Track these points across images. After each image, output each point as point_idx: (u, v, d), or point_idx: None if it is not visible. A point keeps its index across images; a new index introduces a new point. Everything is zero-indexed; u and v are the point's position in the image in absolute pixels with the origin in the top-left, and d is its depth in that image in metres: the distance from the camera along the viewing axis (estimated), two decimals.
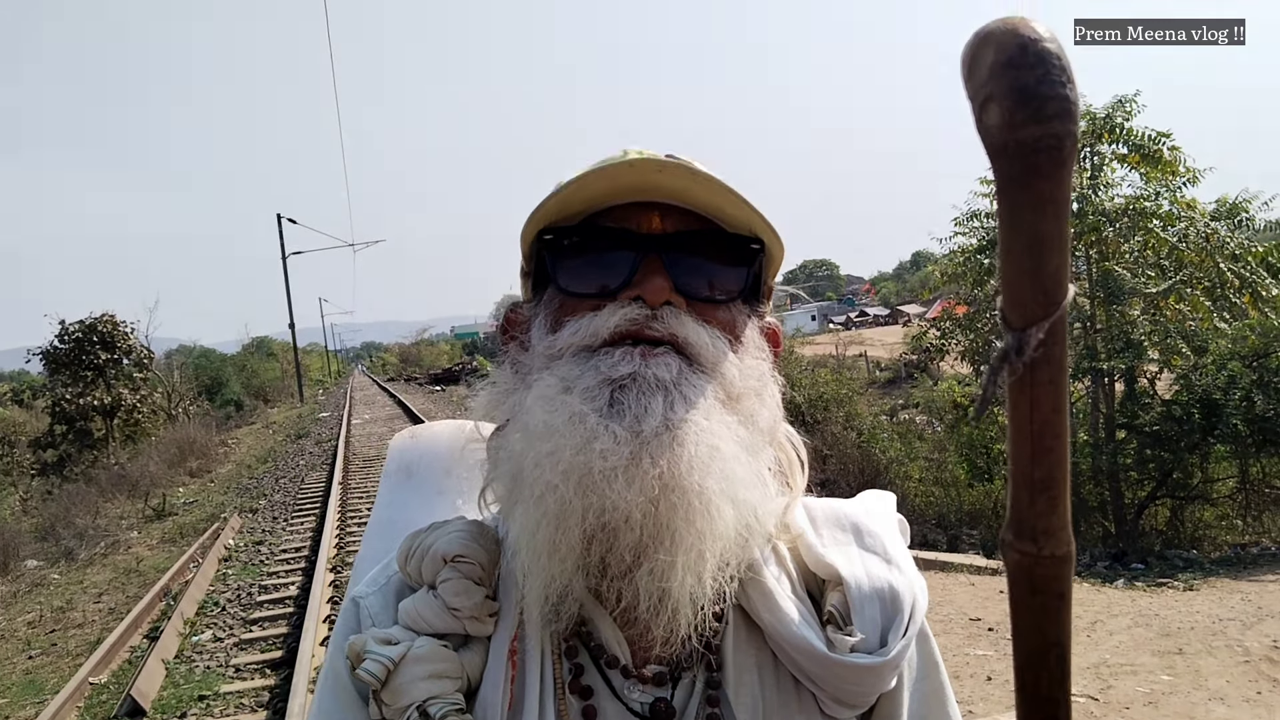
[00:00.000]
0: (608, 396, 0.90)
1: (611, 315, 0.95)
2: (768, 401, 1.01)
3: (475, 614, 0.97)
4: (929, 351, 17.65)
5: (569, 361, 0.95)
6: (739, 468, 0.91)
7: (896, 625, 0.97)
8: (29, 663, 8.25)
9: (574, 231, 1.01)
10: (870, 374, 39.67)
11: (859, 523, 1.08)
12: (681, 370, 0.93)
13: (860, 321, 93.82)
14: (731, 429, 0.93)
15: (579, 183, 0.97)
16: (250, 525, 13.49)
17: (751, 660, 1.00)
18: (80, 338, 27.48)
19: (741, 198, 0.97)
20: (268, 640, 8.02)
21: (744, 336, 1.02)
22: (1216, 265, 13.18)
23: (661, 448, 0.87)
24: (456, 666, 0.95)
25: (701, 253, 1.00)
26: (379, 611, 1.03)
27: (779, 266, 1.10)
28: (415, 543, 1.02)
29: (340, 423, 26.08)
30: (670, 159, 0.99)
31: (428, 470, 1.54)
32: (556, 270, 1.02)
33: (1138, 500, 13.90)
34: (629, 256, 0.98)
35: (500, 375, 1.06)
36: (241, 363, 49.25)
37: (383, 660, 0.92)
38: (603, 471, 0.86)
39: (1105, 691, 5.99)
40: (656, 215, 0.99)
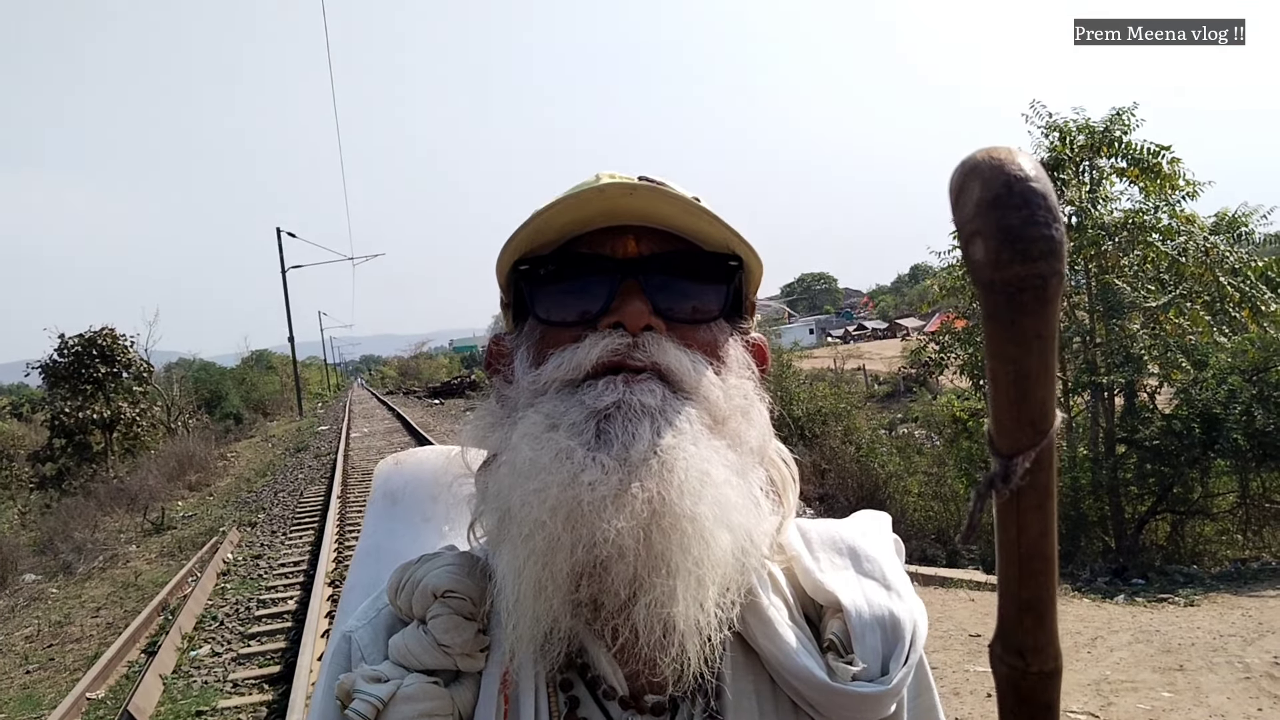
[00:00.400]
0: (594, 429, 0.89)
1: (593, 347, 0.94)
2: (755, 420, 0.99)
3: (466, 650, 0.96)
4: (927, 365, 17.62)
5: (554, 397, 0.94)
6: (731, 492, 0.90)
7: (898, 653, 0.96)
8: (26, 677, 8.23)
9: (549, 260, 1.01)
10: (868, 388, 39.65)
11: (856, 546, 1.06)
12: (665, 397, 0.92)
13: (858, 335, 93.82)
14: (720, 453, 0.92)
15: (550, 212, 0.96)
16: (249, 539, 13.47)
17: (750, 687, 0.98)
18: (80, 351, 27.45)
19: (714, 216, 0.97)
20: (266, 655, 7.99)
21: (727, 356, 1.01)
22: (1216, 279, 13.18)
23: (650, 473, 0.86)
24: (447, 704, 0.93)
25: (679, 273, 0.99)
26: (369, 645, 1.01)
27: (759, 282, 1.10)
28: (405, 576, 1.01)
29: (339, 436, 26.07)
30: (643, 181, 0.98)
31: (413, 498, 1.53)
32: (534, 300, 1.02)
33: (1138, 515, 13.86)
34: (606, 282, 0.98)
35: (487, 407, 1.05)
36: (241, 376, 49.18)
37: (371, 700, 0.91)
38: (591, 503, 0.84)
39: (1105, 709, 5.97)
40: (632, 239, 0.99)
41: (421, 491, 1.52)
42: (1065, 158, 14.02)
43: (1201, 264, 13.31)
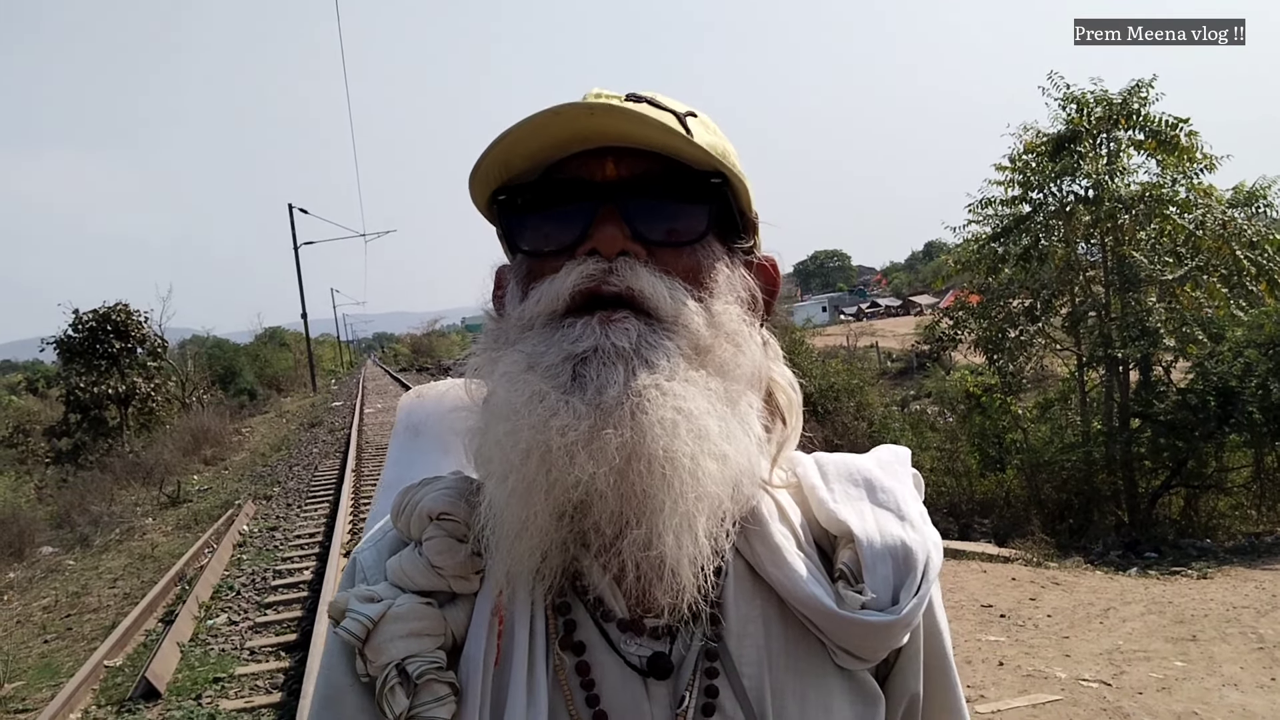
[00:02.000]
0: (570, 372, 0.87)
1: (569, 274, 0.92)
2: (745, 346, 0.96)
3: (459, 572, 0.96)
4: (941, 341, 17.57)
5: (537, 334, 0.93)
6: (711, 422, 0.88)
7: (909, 583, 0.95)
8: (45, 646, 8.31)
9: (527, 189, 0.98)
10: (881, 365, 39.62)
11: (872, 478, 1.05)
12: (641, 333, 0.89)
13: (871, 312, 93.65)
14: (699, 385, 0.90)
15: (508, 140, 0.93)
16: (264, 512, 13.55)
17: (757, 611, 0.97)
18: (94, 327, 27.62)
19: (684, 136, 0.93)
20: (282, 624, 8.06)
21: (713, 280, 0.97)
22: (1233, 252, 13.08)
23: (623, 417, 0.84)
24: (438, 624, 0.93)
25: (659, 195, 0.96)
26: (371, 566, 1.02)
27: (749, 197, 1.03)
28: (406, 499, 1.01)
29: (353, 412, 26.16)
30: (629, 100, 0.96)
31: (433, 430, 1.53)
32: (515, 232, 1.00)
33: (1151, 489, 13.84)
34: (585, 208, 0.94)
35: (485, 342, 1.03)
36: (254, 353, 49.39)
37: (361, 619, 0.92)
38: (562, 447, 0.84)
39: (1118, 677, 5.98)
40: (610, 161, 0.95)
41: (442, 424, 1.51)
42: (1083, 130, 13.90)
43: (1219, 237, 13.21)
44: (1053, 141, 14.12)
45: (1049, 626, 7.18)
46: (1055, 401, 15.95)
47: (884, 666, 1.02)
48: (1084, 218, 13.92)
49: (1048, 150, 14.15)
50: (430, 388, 1.65)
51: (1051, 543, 11.60)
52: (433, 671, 0.90)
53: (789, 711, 0.95)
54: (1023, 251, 14.57)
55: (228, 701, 6.44)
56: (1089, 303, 14.44)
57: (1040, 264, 14.70)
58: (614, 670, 0.94)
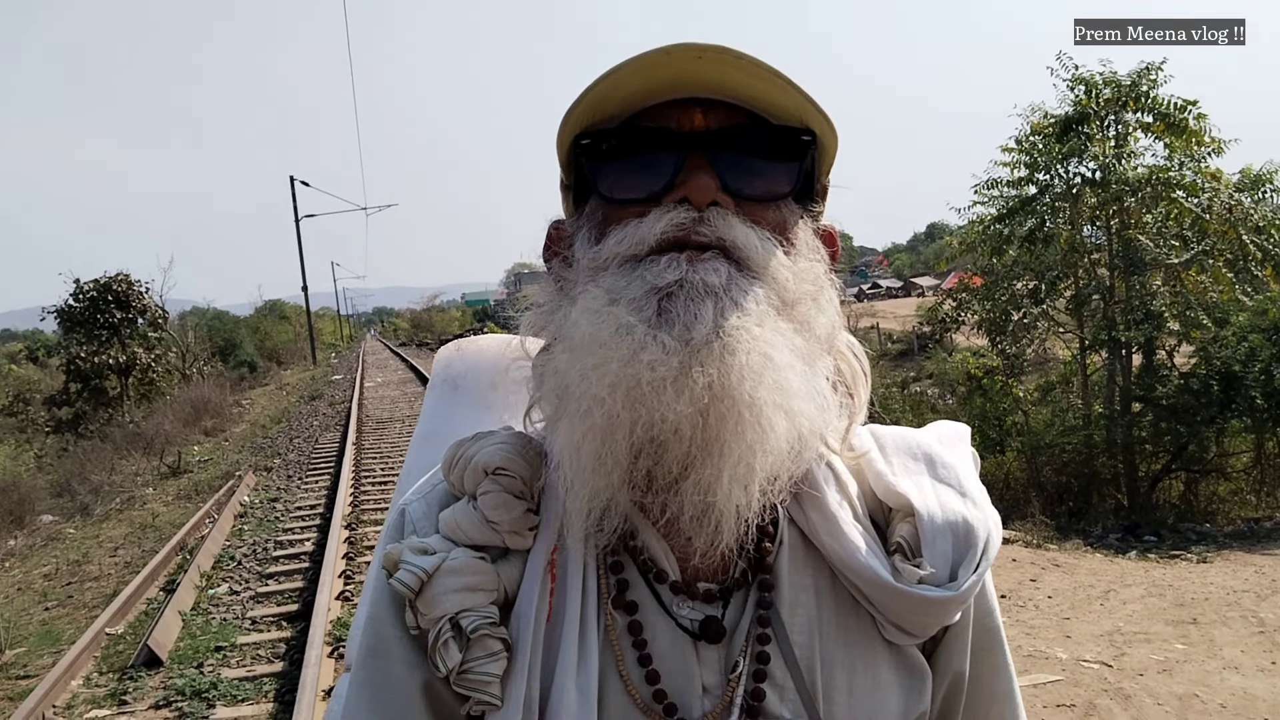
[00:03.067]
0: (655, 306, 0.86)
1: (657, 221, 0.91)
2: (825, 307, 0.96)
3: (514, 528, 0.95)
4: (943, 323, 17.55)
5: (614, 273, 0.91)
6: (793, 377, 0.87)
7: (969, 560, 0.94)
8: (46, 614, 8.33)
9: (612, 135, 0.96)
10: (882, 346, 39.59)
11: (932, 452, 1.03)
12: (731, 275, 0.88)
13: (873, 293, 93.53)
14: (786, 336, 0.89)
15: (612, 79, 0.91)
16: (265, 483, 13.57)
17: (809, 581, 0.96)
18: (95, 297, 27.58)
19: (789, 81, 0.91)
20: (284, 594, 8.07)
21: (797, 238, 0.97)
22: (1239, 237, 13.05)
23: (711, 356, 0.83)
24: (492, 579, 0.93)
25: (749, 149, 0.95)
26: (421, 519, 1.01)
27: (833, 160, 1.04)
28: (459, 453, 1.00)
29: (353, 385, 26.17)
30: (715, 46, 0.93)
31: (473, 384, 1.52)
32: (596, 177, 0.97)
33: (1152, 473, 13.86)
34: (672, 157, 0.93)
35: (544, 293, 1.02)
36: (255, 325, 49.36)
37: (416, 571, 0.91)
38: (651, 382, 0.82)
39: (1119, 659, 5.99)
40: (699, 111, 0.94)
41: (482, 379, 1.51)
42: (1090, 111, 13.83)
43: (1225, 221, 13.17)
44: (1060, 123, 14.06)
45: (1049, 608, 7.20)
46: (1057, 384, 15.93)
47: (930, 644, 1.01)
48: (1090, 200, 13.87)
49: (1055, 132, 14.09)
50: (470, 342, 1.64)
51: (1051, 525, 11.61)
52: (486, 626, 0.90)
53: (838, 682, 0.94)
54: (1028, 233, 14.51)
55: (229, 670, 6.45)
56: (1093, 286, 14.41)
57: (1045, 246, 14.65)
58: (665, 632, 0.94)
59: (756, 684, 0.92)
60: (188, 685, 6.13)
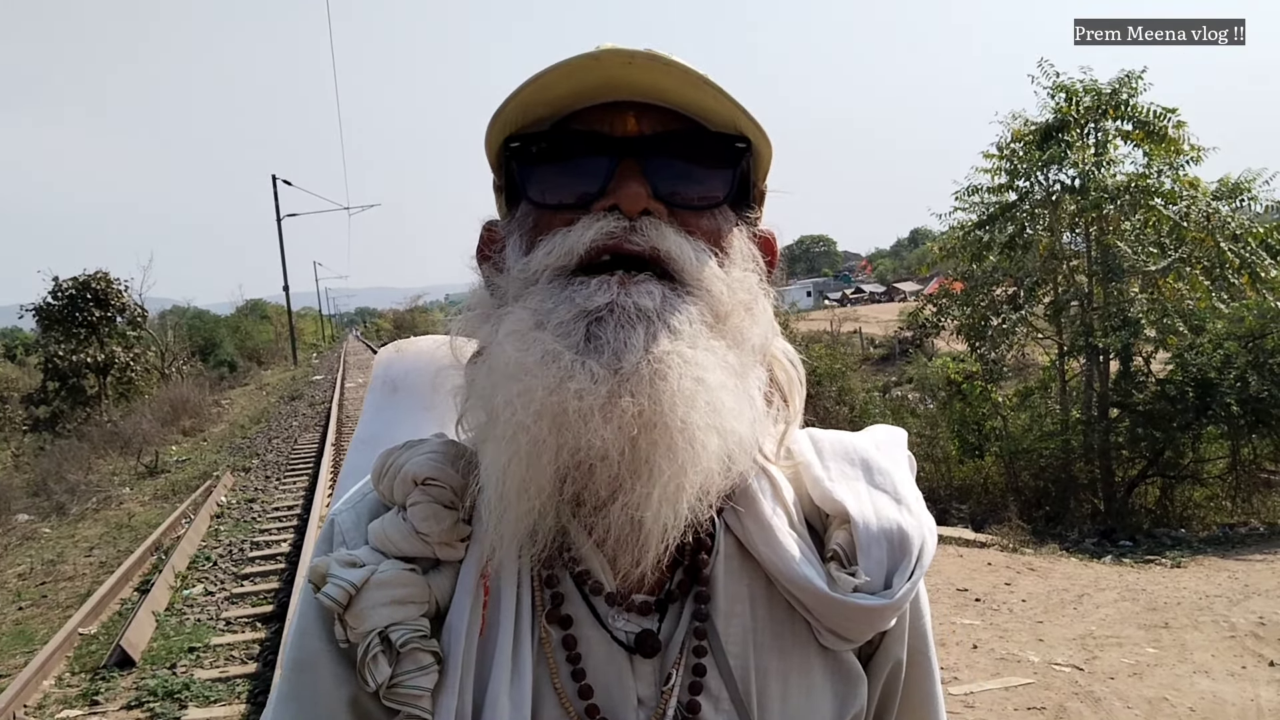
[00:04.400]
0: (584, 331, 0.84)
1: (587, 229, 0.88)
2: (759, 317, 0.94)
3: (445, 539, 0.93)
4: (924, 328, 17.64)
5: (543, 289, 0.89)
6: (726, 396, 0.86)
7: (903, 567, 0.94)
8: (19, 613, 8.26)
9: (542, 138, 0.94)
10: (864, 350, 39.73)
11: (869, 458, 1.03)
12: (665, 295, 0.86)
13: (856, 298, 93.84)
14: (718, 355, 0.87)
15: (540, 82, 0.89)
16: (243, 483, 13.50)
17: (745, 589, 0.96)
18: (74, 294, 27.35)
19: (721, 90, 0.90)
20: (259, 595, 8.04)
21: (731, 246, 0.95)
22: (1217, 245, 13.16)
23: (641, 383, 0.81)
24: (423, 591, 0.91)
25: (682, 154, 0.93)
26: (351, 529, 0.98)
27: (768, 167, 1.02)
28: (388, 461, 0.98)
29: (334, 386, 26.06)
30: (645, 52, 0.91)
31: (413, 386, 1.50)
32: (526, 181, 0.95)
33: (1128, 478, 13.96)
34: (603, 162, 0.91)
35: (476, 298, 1.00)
36: (235, 324, 49.09)
37: (344, 585, 0.88)
38: (578, 411, 0.81)
39: (1090, 662, 6.03)
40: (631, 116, 0.91)
41: (422, 380, 1.48)
42: (1071, 119, 13.92)
43: (1203, 229, 13.29)
44: (1041, 130, 14.15)
45: (1023, 611, 7.24)
46: (1035, 390, 16.04)
47: (867, 647, 1.01)
48: (1069, 207, 13.97)
49: (1035, 139, 14.18)
50: (410, 342, 1.62)
51: (1028, 529, 11.68)
52: (416, 640, 0.88)
53: (772, 691, 0.94)
54: (1008, 240, 14.63)
55: (202, 671, 6.42)
56: (1072, 292, 14.51)
57: (1024, 252, 14.77)
58: (600, 645, 0.93)
59: (692, 696, 0.92)
60: (160, 686, 6.10)
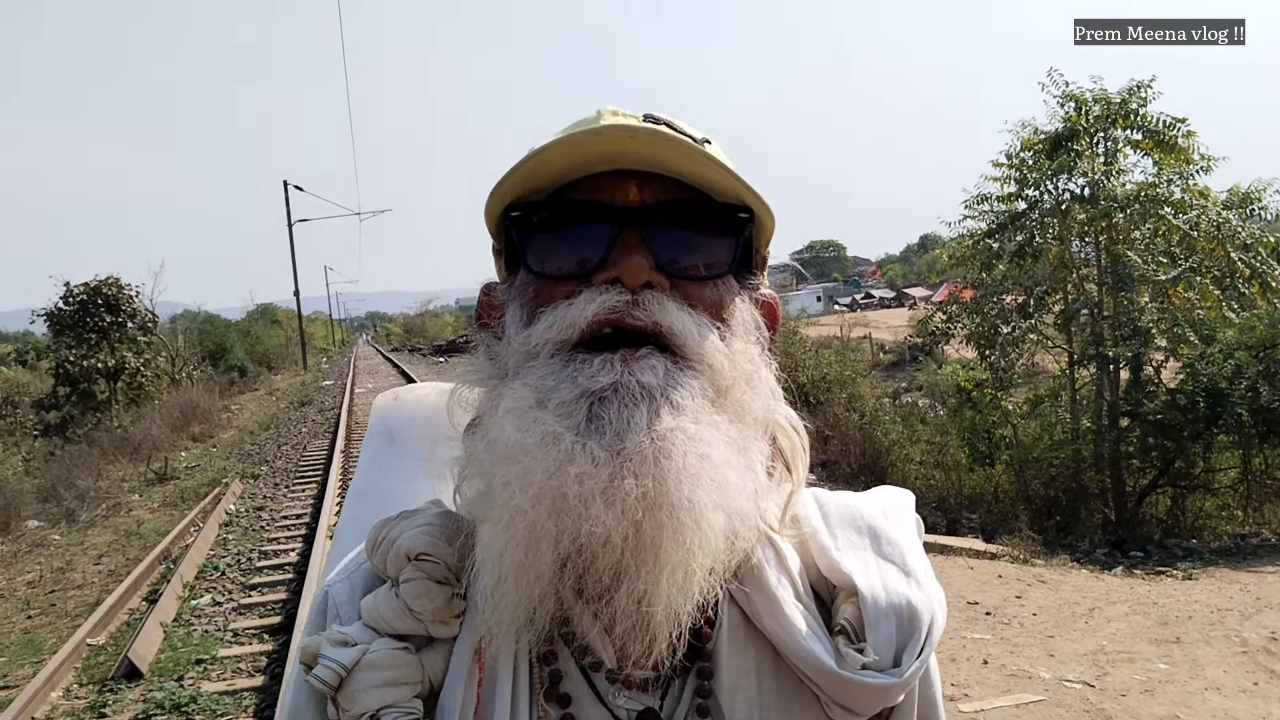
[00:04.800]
0: (585, 411, 0.83)
1: (589, 304, 0.88)
2: (760, 388, 0.93)
3: (438, 616, 0.91)
4: (934, 335, 17.59)
5: (544, 365, 0.88)
6: (730, 472, 0.85)
7: (913, 644, 0.92)
8: (28, 622, 8.29)
9: (543, 207, 0.93)
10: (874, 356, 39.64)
11: (876, 527, 1.01)
12: (668, 369, 0.85)
13: (866, 303, 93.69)
14: (721, 430, 0.86)
15: (543, 155, 0.89)
16: (251, 491, 13.53)
17: (750, 662, 0.94)
18: (85, 300, 27.45)
19: (722, 165, 0.89)
20: (266, 606, 8.04)
21: (733, 317, 0.94)
22: (1227, 254, 13.09)
23: (645, 463, 0.80)
24: (415, 671, 0.89)
25: (684, 225, 0.92)
26: (344, 602, 0.97)
27: (771, 235, 1.02)
28: (382, 533, 0.96)
29: (343, 391, 26.10)
30: (648, 122, 0.91)
31: (411, 438, 1.49)
32: (526, 250, 0.94)
33: (1139, 488, 13.87)
34: (604, 232, 0.90)
35: (477, 365, 0.99)
36: (246, 329, 49.18)
37: (334, 667, 0.87)
38: (579, 495, 0.79)
39: (1102, 679, 5.99)
40: (633, 185, 0.91)
41: (420, 431, 1.48)
42: (1080, 128, 13.88)
43: (1213, 238, 13.22)
44: (1050, 139, 14.10)
45: (1034, 625, 7.20)
46: (1046, 398, 15.97)
47: (875, 717, 0.99)
48: (1079, 216, 13.91)
49: (1045, 148, 14.13)
50: (408, 390, 1.60)
51: (1038, 539, 11.62)
52: None
53: None
54: (1017, 248, 14.57)
55: (210, 684, 6.42)
56: (1082, 301, 14.44)
57: (1034, 261, 14.71)
58: None
59: None
60: (167, 699, 6.10)
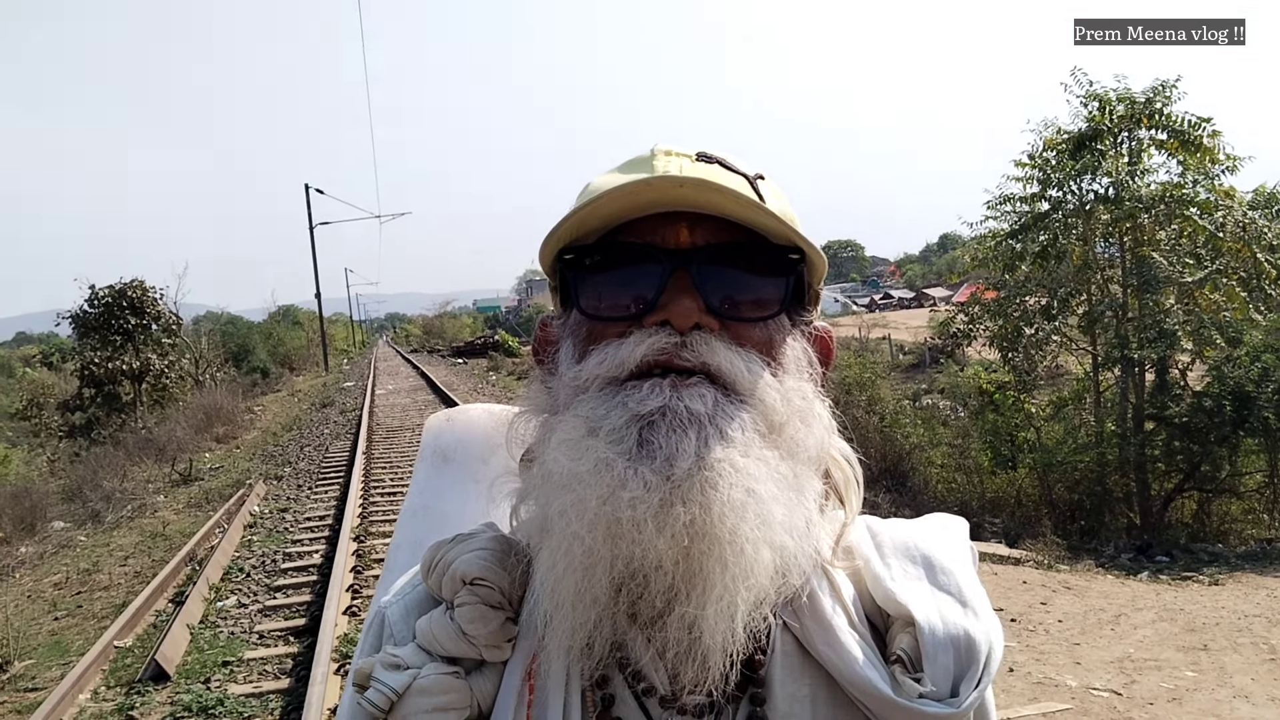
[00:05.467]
0: (636, 436, 0.84)
1: (638, 345, 0.89)
2: (814, 425, 0.94)
3: (492, 641, 0.93)
4: (955, 336, 17.48)
5: (594, 397, 0.90)
6: (777, 509, 0.86)
7: (970, 675, 0.91)
8: (55, 624, 8.35)
9: (594, 250, 0.95)
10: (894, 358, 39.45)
11: (931, 555, 0.99)
12: (717, 400, 0.87)
13: (884, 304, 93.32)
14: (770, 466, 0.87)
15: (592, 206, 0.91)
16: (275, 492, 13.59)
17: (806, 690, 0.93)
18: (110, 302, 27.74)
19: (772, 214, 0.90)
20: (291, 608, 8.08)
21: (784, 355, 0.95)
22: (1254, 255, 13.00)
23: (693, 491, 0.82)
24: (465, 696, 0.91)
25: (735, 265, 0.93)
26: (398, 623, 0.99)
27: (823, 274, 1.03)
28: (438, 555, 0.98)
29: (364, 393, 26.24)
30: (700, 161, 0.93)
31: (463, 458, 1.52)
32: (578, 292, 0.96)
33: (1164, 492, 13.77)
34: (654, 274, 0.91)
35: (533, 397, 1.01)
36: (268, 331, 49.53)
37: (386, 691, 0.89)
38: (632, 520, 0.81)
39: (1129, 686, 5.95)
40: (684, 227, 0.92)
41: (472, 452, 1.51)
42: (1104, 128, 13.79)
43: (1239, 239, 13.12)
44: (1073, 139, 14.02)
45: (1060, 632, 7.16)
46: (1069, 401, 15.87)
47: None
48: (1103, 217, 13.83)
49: (1068, 148, 14.05)
50: (460, 412, 1.63)
51: (1063, 544, 11.55)
52: None
53: None
54: (1040, 249, 14.48)
55: (236, 686, 6.46)
56: (1106, 302, 14.35)
57: (1058, 262, 14.61)
58: None
59: None
60: (194, 701, 6.13)
